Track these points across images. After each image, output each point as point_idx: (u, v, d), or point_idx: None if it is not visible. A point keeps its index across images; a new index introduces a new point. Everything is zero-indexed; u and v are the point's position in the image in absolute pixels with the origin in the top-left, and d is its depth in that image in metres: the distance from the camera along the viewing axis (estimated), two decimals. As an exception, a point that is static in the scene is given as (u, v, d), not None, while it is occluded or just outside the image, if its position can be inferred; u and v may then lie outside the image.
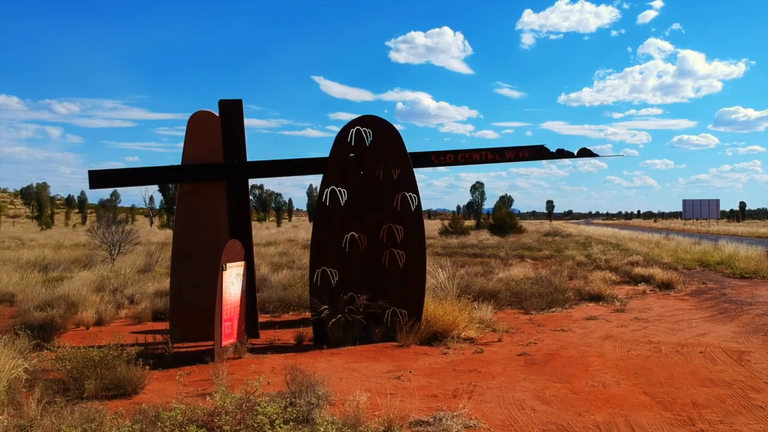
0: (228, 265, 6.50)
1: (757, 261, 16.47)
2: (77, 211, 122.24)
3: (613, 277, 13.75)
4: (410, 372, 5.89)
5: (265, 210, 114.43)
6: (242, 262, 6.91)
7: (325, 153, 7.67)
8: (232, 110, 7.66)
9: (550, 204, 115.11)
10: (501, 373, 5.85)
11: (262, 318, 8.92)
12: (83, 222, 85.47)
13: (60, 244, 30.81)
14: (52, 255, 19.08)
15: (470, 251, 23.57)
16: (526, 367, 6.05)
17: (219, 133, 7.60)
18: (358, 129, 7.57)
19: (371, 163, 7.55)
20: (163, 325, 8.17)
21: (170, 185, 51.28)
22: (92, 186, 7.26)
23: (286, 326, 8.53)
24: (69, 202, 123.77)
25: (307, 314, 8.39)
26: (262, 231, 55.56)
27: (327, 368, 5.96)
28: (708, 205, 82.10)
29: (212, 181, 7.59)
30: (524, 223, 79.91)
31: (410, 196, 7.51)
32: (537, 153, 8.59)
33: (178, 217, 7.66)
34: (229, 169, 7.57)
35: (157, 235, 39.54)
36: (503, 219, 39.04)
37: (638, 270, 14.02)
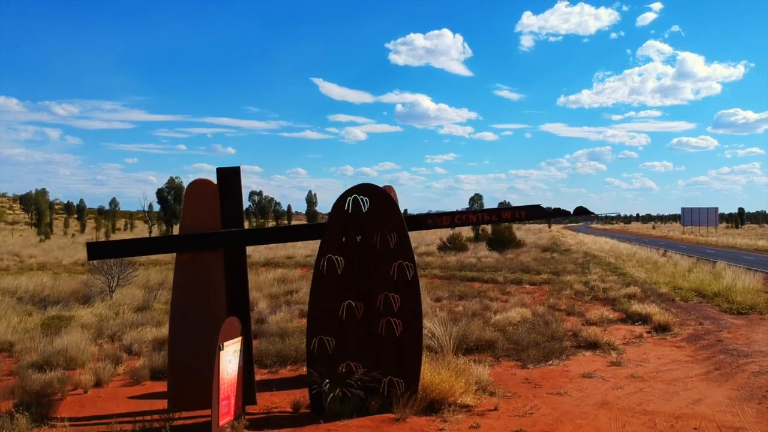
0: (225, 343, 6.54)
1: (753, 294, 16.54)
2: (76, 216, 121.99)
3: (611, 315, 13.78)
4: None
5: (264, 216, 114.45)
6: (239, 338, 6.95)
7: (324, 154, 7.76)
8: (230, 177, 7.72)
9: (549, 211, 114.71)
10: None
11: (259, 375, 8.95)
12: (82, 230, 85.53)
13: (59, 263, 30.85)
14: (51, 283, 19.11)
15: (468, 274, 23.62)
16: (522, 450, 6.09)
17: (217, 200, 7.65)
18: (355, 197, 7.62)
19: (368, 231, 7.59)
20: (162, 386, 8.20)
21: (168, 195, 51.39)
22: (90, 258, 7.30)
23: (283, 386, 8.57)
24: (68, 208, 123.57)
25: (304, 370, 8.44)
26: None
27: (323, 452, 5.98)
28: (707, 213, 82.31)
29: (210, 249, 7.63)
30: (523, 229, 79.89)
31: (407, 264, 7.56)
32: (533, 212, 8.67)
33: (176, 285, 7.70)
34: (227, 238, 7.61)
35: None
36: (502, 233, 39.08)
37: (635, 307, 14.05)
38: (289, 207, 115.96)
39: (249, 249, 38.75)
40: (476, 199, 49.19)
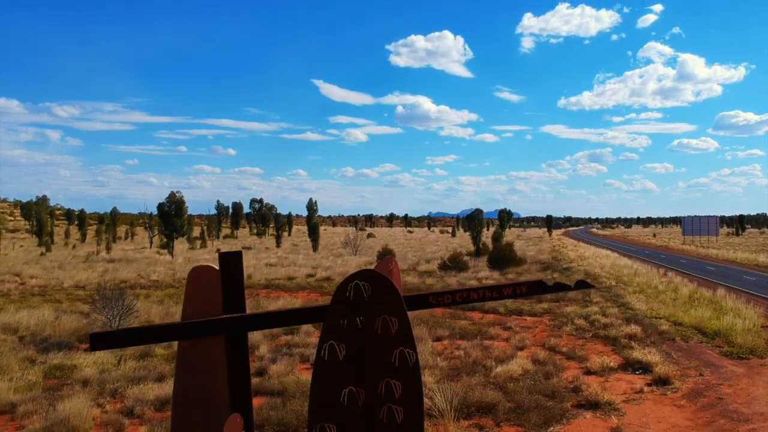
0: (227, 442, 6.56)
1: (754, 334, 16.58)
2: (77, 223, 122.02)
3: (612, 363, 13.80)
4: None
5: (265, 224, 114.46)
6: (242, 433, 6.96)
7: (325, 155, 7.81)
8: (232, 261, 7.74)
9: (549, 218, 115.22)
10: None
11: (262, 447, 8.99)
12: (83, 239, 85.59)
13: (60, 285, 30.89)
14: (52, 318, 19.14)
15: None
16: None
17: (218, 286, 7.68)
18: (356, 283, 7.64)
19: (369, 317, 7.62)
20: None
21: (167, 208, 51.34)
22: (93, 348, 7.33)
23: (285, 461, 8.60)
24: (69, 215, 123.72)
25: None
26: (260, 254, 55.62)
27: None
28: (707, 222, 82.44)
29: (211, 335, 7.65)
30: (524, 237, 79.56)
31: (408, 352, 7.58)
32: (534, 288, 8.64)
33: (177, 371, 7.71)
34: (229, 324, 7.64)
35: (158, 268, 39.61)
36: (502, 250, 39.14)
37: (636, 354, 14.09)
38: (289, 215, 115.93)
39: (249, 268, 38.73)
40: (476, 214, 49.18)
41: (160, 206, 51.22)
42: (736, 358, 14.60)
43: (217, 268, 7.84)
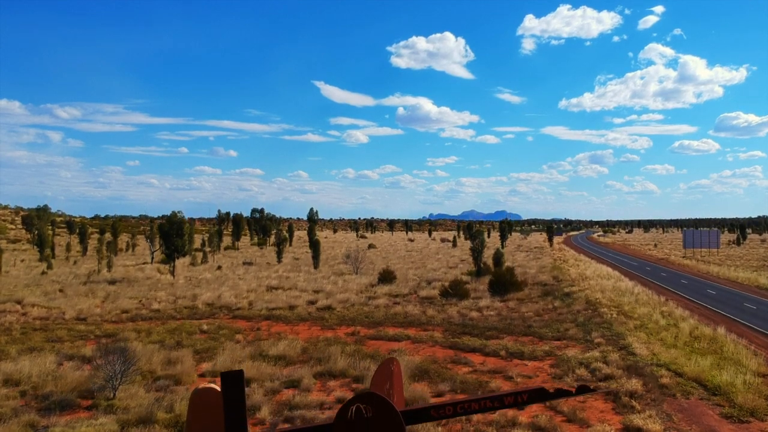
0: None
1: (755, 391, 16.59)
2: (78, 232, 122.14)
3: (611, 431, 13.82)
4: None
5: (266, 234, 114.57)
6: None
7: (326, 157, 7.88)
8: (233, 381, 7.78)
9: (550, 228, 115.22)
10: None
11: None
12: (84, 252, 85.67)
13: (61, 317, 30.93)
14: (54, 368, 19.19)
15: (470, 343, 23.59)
16: None
17: (220, 407, 7.72)
18: (357, 406, 7.69)
19: (370, 437, 7.66)
20: None
21: (167, 228, 51.36)
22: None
23: None
24: (70, 226, 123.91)
25: None
26: (261, 272, 55.64)
27: None
28: (708, 236, 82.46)
29: (213, 456, 7.69)
30: (524, 248, 78.88)
31: (409, 474, 7.61)
32: (535, 396, 8.67)
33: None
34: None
35: (159, 293, 39.66)
36: (503, 275, 39.18)
37: (637, 420, 14.11)
38: (290, 226, 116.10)
39: (250, 294, 38.73)
40: (476, 234, 49.16)
41: (160, 227, 51.31)
42: (737, 421, 14.62)
43: (218, 388, 7.89)
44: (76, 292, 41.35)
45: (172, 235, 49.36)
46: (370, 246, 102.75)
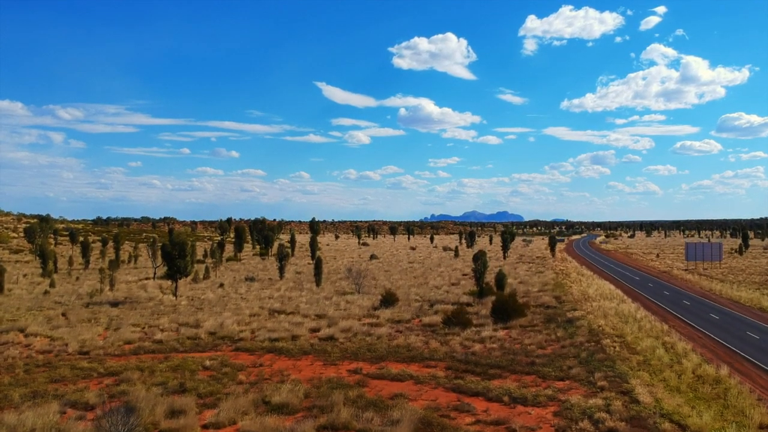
0: None
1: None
2: (80, 242, 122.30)
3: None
4: None
5: (268, 244, 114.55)
6: None
7: (328, 157, 7.79)
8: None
9: (551, 237, 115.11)
10: None
11: None
12: (86, 266, 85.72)
13: (64, 351, 30.95)
14: (56, 422, 19.21)
15: (473, 385, 23.53)
16: None
17: None
18: None
19: None
20: None
21: (170, 250, 51.38)
22: None
23: None
24: (72, 236, 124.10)
25: None
26: (263, 290, 55.66)
27: None
28: (711, 249, 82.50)
29: None
30: (526, 259, 78.18)
31: None
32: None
33: None
34: None
35: (161, 320, 39.68)
36: (506, 302, 39.18)
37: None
38: (292, 236, 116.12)
39: (252, 321, 38.73)
40: (479, 256, 49.17)
41: (163, 247, 51.38)
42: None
43: None
44: (79, 317, 41.40)
45: (174, 256, 49.40)
46: (372, 257, 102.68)
